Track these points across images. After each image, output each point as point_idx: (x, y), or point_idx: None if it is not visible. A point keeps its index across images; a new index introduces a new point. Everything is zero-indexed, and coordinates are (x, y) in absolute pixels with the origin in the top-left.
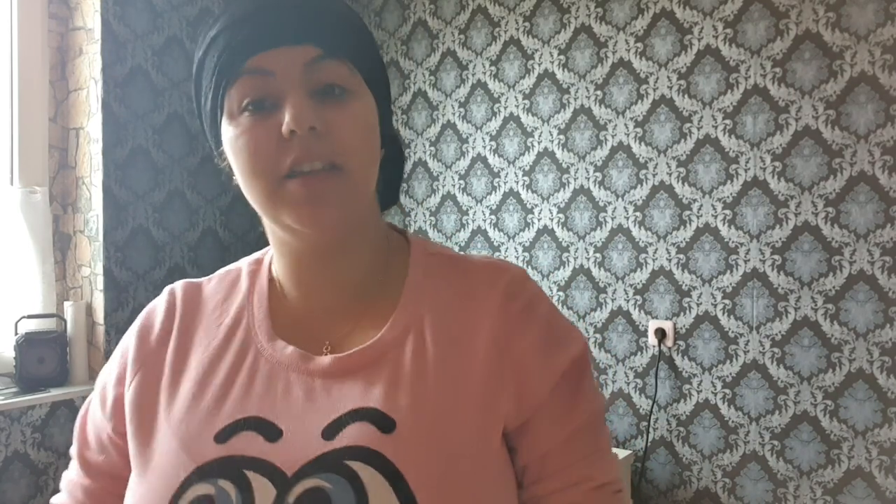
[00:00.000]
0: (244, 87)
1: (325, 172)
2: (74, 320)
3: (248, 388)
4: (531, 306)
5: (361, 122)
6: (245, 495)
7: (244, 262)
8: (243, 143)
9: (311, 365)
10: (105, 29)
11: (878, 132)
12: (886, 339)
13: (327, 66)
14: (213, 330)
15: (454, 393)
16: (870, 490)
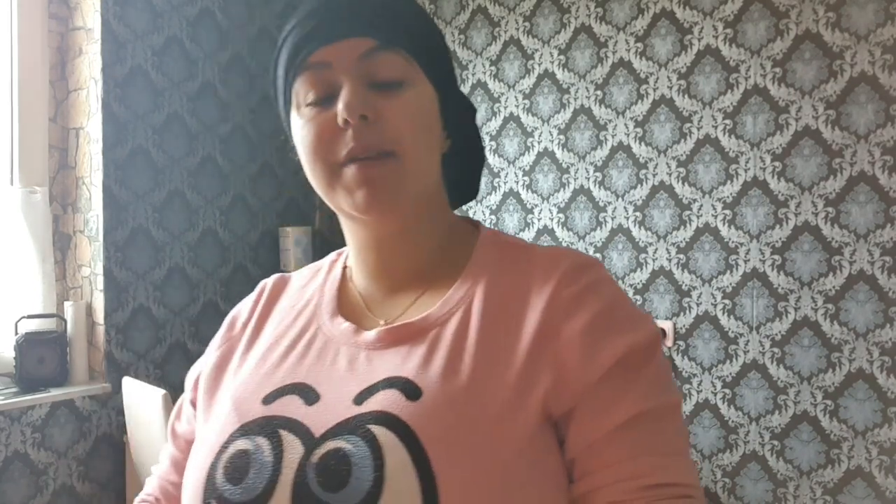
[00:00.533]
0: (307, 80)
1: (378, 159)
2: (74, 320)
3: (301, 358)
4: (588, 291)
5: (414, 110)
6: (276, 452)
7: (329, 255)
8: (305, 133)
9: (360, 337)
10: (105, 29)
11: (878, 132)
12: (886, 339)
13: (382, 57)
14: (287, 311)
15: (489, 370)
16: (870, 490)
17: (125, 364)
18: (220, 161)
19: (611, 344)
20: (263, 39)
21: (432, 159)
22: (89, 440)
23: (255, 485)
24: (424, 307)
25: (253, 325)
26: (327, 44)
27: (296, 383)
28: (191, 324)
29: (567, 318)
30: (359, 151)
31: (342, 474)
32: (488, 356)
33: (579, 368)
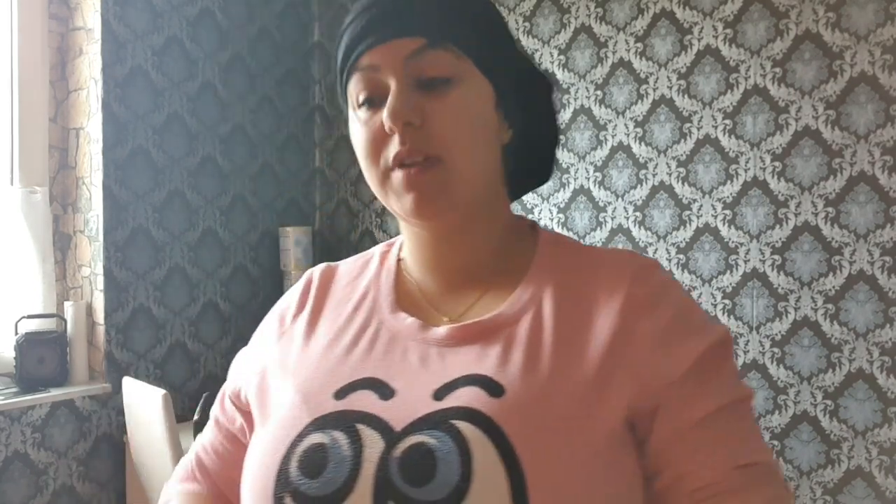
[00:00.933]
0: (358, 82)
1: (425, 164)
2: (74, 320)
3: (368, 353)
4: (661, 293)
5: (463, 109)
6: (355, 446)
7: (378, 246)
8: (358, 136)
9: (429, 334)
10: (105, 29)
11: (878, 132)
12: (886, 339)
13: (429, 56)
14: (343, 303)
15: (566, 369)
16: (870, 490)
17: (125, 364)
18: (220, 161)
19: (690, 343)
20: (263, 39)
21: (485, 158)
22: (89, 440)
23: (335, 479)
24: (491, 306)
25: (307, 318)
26: (375, 45)
27: (367, 378)
28: (191, 324)
29: (642, 318)
30: (405, 156)
31: (427, 469)
32: (565, 355)
33: (660, 368)
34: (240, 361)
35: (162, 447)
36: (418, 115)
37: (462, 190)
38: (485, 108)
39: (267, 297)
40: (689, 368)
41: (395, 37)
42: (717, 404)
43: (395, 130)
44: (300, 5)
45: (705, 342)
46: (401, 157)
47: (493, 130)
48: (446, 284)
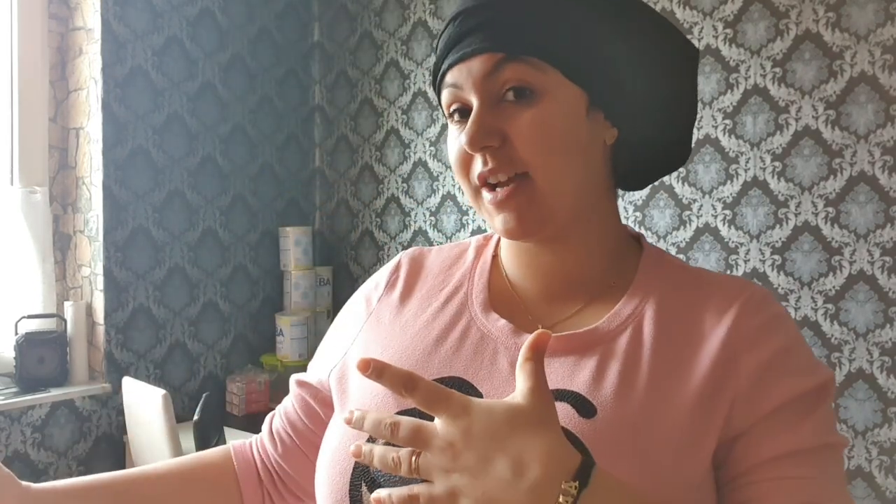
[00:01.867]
0: (447, 97)
1: (512, 183)
2: (74, 320)
3: (456, 350)
4: (772, 325)
5: (546, 125)
6: None
7: (474, 238)
8: (450, 150)
9: (520, 340)
10: (105, 29)
11: (878, 132)
12: (886, 339)
13: (509, 70)
14: (434, 292)
15: (663, 394)
16: (870, 490)
17: (125, 364)
18: (220, 161)
19: (791, 381)
20: (263, 39)
21: (575, 169)
22: (89, 440)
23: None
24: (589, 319)
25: (396, 301)
26: (457, 63)
27: (454, 377)
28: (191, 324)
29: (749, 349)
30: (489, 175)
31: None
32: (663, 378)
33: (754, 399)
34: (323, 349)
35: (162, 447)
36: (497, 138)
37: (552, 205)
38: (573, 117)
39: (267, 298)
40: (782, 404)
41: (473, 54)
42: (806, 444)
43: (475, 154)
44: (300, 5)
45: (808, 383)
46: (484, 177)
47: (584, 138)
48: (544, 290)
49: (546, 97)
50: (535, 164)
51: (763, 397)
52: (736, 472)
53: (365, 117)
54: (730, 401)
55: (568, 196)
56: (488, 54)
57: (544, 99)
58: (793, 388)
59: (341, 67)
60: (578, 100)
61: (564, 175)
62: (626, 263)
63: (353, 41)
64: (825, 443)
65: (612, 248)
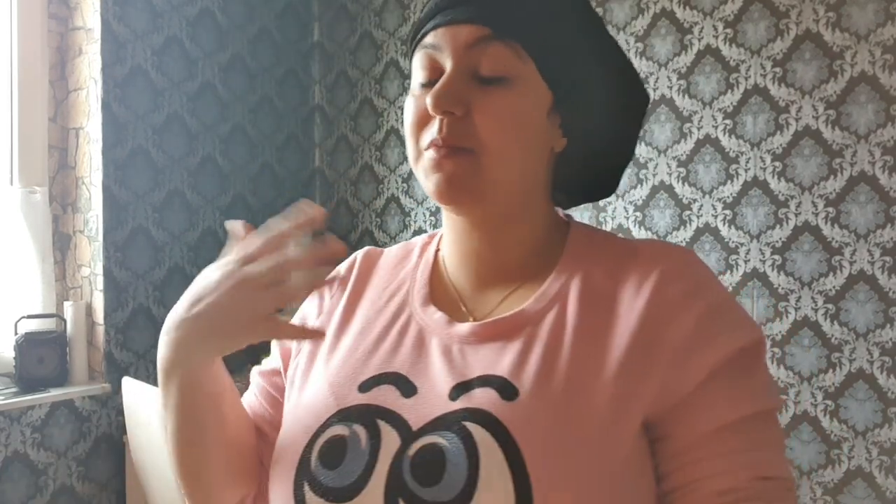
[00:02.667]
0: (420, 59)
1: (456, 152)
2: (74, 320)
3: (395, 347)
4: (694, 291)
5: (510, 111)
6: (374, 441)
7: (421, 236)
8: (407, 111)
9: (452, 330)
10: (105, 29)
11: (879, 132)
12: (887, 339)
13: (491, 49)
14: (380, 292)
15: (586, 371)
16: (870, 490)
17: (125, 364)
18: (220, 161)
19: (720, 344)
20: (263, 39)
21: (522, 160)
22: (89, 440)
23: (351, 471)
24: (517, 303)
25: (345, 301)
26: (442, 26)
27: (392, 373)
28: None
29: (670, 319)
30: (438, 142)
31: (437, 469)
32: (585, 356)
33: (686, 368)
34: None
35: (162, 448)
36: (461, 107)
37: (488, 185)
38: (534, 114)
39: None
40: (715, 370)
41: (463, 21)
42: (744, 412)
43: (436, 115)
44: (300, 5)
45: (736, 344)
46: (436, 142)
47: (539, 137)
48: (478, 280)
49: (517, 85)
50: (488, 145)
51: (693, 365)
52: (678, 448)
53: (365, 117)
54: (660, 373)
55: (507, 183)
56: (477, 26)
57: (515, 86)
58: (721, 350)
59: (341, 67)
60: (544, 98)
61: (511, 163)
62: (555, 243)
63: (353, 41)
64: (764, 408)
65: (541, 238)
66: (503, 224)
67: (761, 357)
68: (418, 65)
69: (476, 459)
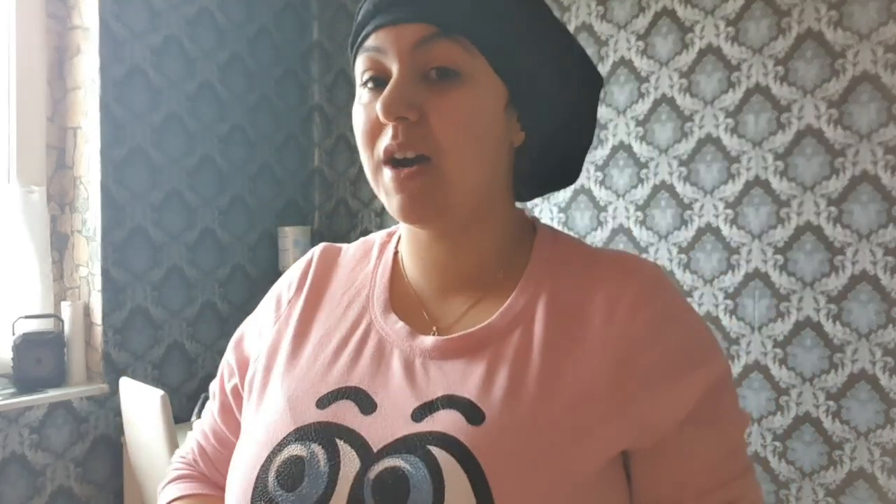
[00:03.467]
0: (364, 62)
1: (416, 165)
2: (72, 320)
3: (355, 358)
4: (665, 316)
5: (465, 111)
6: (332, 462)
7: (377, 235)
8: (356, 118)
9: (415, 343)
10: (103, 28)
11: (881, 131)
12: (889, 340)
13: (439, 47)
14: (338, 297)
15: (554, 396)
16: (872, 491)
17: (123, 364)
18: (219, 161)
19: (695, 378)
20: (262, 39)
21: (483, 162)
22: (87, 441)
23: (310, 494)
24: (482, 315)
25: (302, 305)
26: (384, 26)
27: (350, 388)
28: (189, 324)
29: (642, 347)
30: (394, 150)
31: (400, 495)
32: (554, 378)
33: (665, 404)
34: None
35: (159, 448)
36: (414, 111)
37: (452, 194)
38: (491, 110)
39: None
40: (693, 409)
41: (405, 20)
42: (720, 453)
43: (388, 122)
44: (299, 5)
45: (709, 378)
46: (390, 151)
47: (498, 134)
48: (440, 287)
49: (470, 82)
50: (443, 150)
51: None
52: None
53: None
54: (631, 408)
55: (467, 189)
56: (422, 24)
57: (467, 85)
58: (698, 385)
59: (340, 67)
60: (499, 93)
61: (472, 165)
62: (520, 252)
63: None
64: (734, 443)
65: (506, 242)
66: (465, 232)
67: (729, 383)
68: (362, 68)
69: (441, 484)
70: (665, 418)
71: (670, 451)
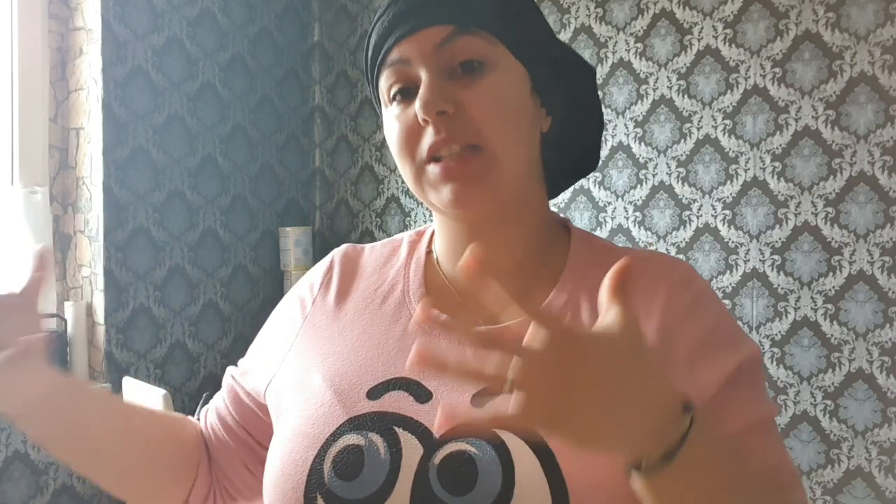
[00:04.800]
0: (389, 77)
1: (463, 154)
2: (75, 320)
3: (399, 350)
4: (700, 301)
5: (499, 96)
6: (394, 450)
7: (406, 234)
8: (391, 131)
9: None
10: (105, 29)
11: (878, 132)
12: (886, 339)
13: (460, 43)
14: (370, 293)
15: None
16: (869, 490)
17: (125, 364)
18: (221, 161)
19: (727, 356)
20: (264, 39)
21: (523, 144)
22: None
23: (371, 483)
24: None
25: (332, 304)
26: (404, 38)
27: (401, 378)
28: (191, 324)
29: (681, 328)
30: (441, 145)
31: (468, 478)
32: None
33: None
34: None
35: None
36: (451, 104)
37: (503, 177)
38: (521, 92)
39: (267, 298)
40: (723, 384)
41: (423, 26)
42: (751, 419)
43: (429, 120)
44: (300, 5)
45: (739, 357)
46: (437, 146)
47: (530, 116)
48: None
49: (496, 70)
50: (488, 134)
51: (705, 377)
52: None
53: (365, 117)
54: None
55: (515, 171)
56: (440, 27)
57: (494, 72)
58: (728, 363)
59: (341, 67)
60: (524, 78)
61: (514, 148)
62: (555, 251)
63: (353, 41)
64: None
65: (542, 237)
66: (505, 220)
67: (760, 369)
68: (388, 83)
69: (510, 467)
70: (703, 386)
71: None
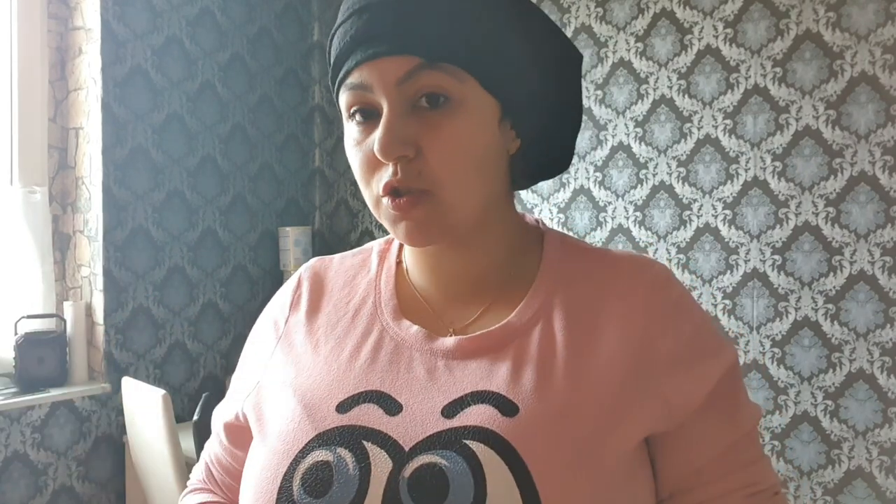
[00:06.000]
0: (349, 98)
1: (416, 195)
2: (74, 320)
3: (371, 363)
4: (677, 307)
5: (461, 142)
6: (362, 465)
7: (375, 243)
8: (351, 153)
9: (435, 345)
10: (104, 29)
11: (879, 132)
12: (887, 340)
13: (426, 77)
14: (341, 306)
15: (582, 383)
16: (870, 490)
17: (125, 364)
18: (220, 161)
19: (711, 363)
20: (263, 39)
21: (484, 186)
22: (89, 440)
23: (341, 499)
24: (498, 316)
25: (303, 320)
26: (365, 62)
27: (371, 391)
28: (190, 324)
29: (660, 333)
30: (395, 185)
31: (439, 491)
32: (580, 369)
33: (686, 388)
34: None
35: (161, 447)
36: (411, 147)
37: (454, 217)
38: (486, 130)
39: (266, 298)
40: (709, 393)
41: (387, 54)
42: (735, 436)
43: (388, 162)
44: (300, 5)
45: (724, 364)
46: (391, 185)
47: (495, 149)
48: (450, 293)
49: (462, 107)
50: (443, 183)
51: (690, 387)
52: (674, 474)
53: None
54: (655, 389)
55: (468, 212)
56: (405, 58)
57: (461, 109)
58: (712, 372)
59: None
60: (492, 110)
61: (471, 192)
62: (529, 255)
63: None
64: (749, 428)
65: (512, 244)
66: (471, 242)
67: (740, 373)
68: (347, 104)
69: (482, 477)
70: (686, 401)
71: (688, 437)
